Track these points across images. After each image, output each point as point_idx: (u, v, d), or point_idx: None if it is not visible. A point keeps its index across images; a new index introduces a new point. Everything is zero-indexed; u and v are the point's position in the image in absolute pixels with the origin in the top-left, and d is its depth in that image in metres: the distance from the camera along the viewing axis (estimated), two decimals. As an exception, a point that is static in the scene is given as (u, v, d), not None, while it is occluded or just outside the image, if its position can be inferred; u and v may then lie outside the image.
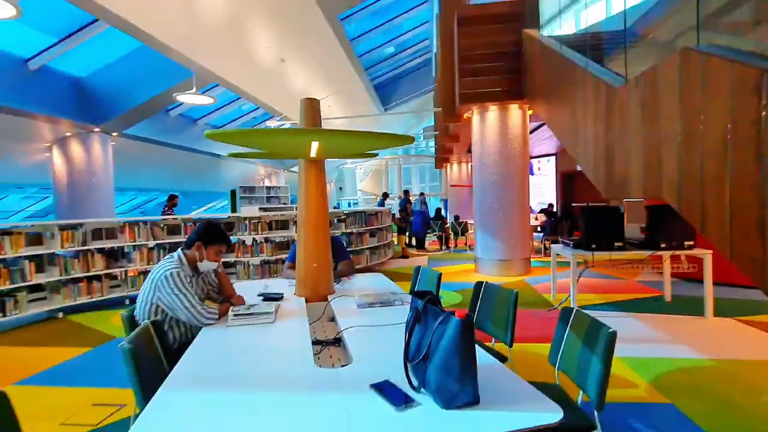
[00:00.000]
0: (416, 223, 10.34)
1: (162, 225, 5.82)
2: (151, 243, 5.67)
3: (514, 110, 6.52)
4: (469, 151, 8.53)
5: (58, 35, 6.63)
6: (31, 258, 4.71)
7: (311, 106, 2.52)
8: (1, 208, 11.74)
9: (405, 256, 9.01)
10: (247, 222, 6.21)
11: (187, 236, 2.82)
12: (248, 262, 6.25)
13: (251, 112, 13.24)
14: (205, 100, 5.19)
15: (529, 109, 6.60)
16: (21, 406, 1.19)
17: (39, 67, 6.82)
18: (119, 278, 5.65)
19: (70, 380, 3.12)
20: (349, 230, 7.10)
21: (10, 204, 11.91)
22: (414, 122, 22.90)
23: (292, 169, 19.08)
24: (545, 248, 8.49)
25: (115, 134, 8.31)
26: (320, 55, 8.89)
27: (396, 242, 9.77)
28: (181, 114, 10.92)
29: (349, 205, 19.64)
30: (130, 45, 7.57)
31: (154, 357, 1.70)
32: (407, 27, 13.65)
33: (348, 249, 6.90)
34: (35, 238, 4.88)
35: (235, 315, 1.99)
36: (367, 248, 7.45)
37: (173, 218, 5.99)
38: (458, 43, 6.71)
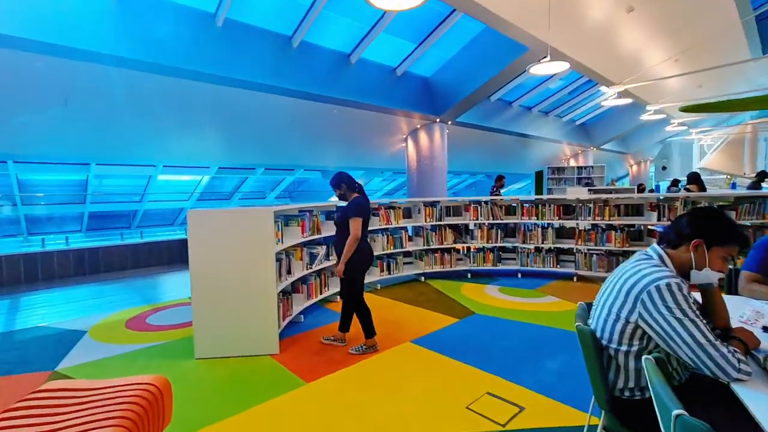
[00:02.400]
0: None
1: (500, 205, 5.88)
2: (490, 221, 5.83)
3: None
4: None
5: (416, 41, 7.85)
6: (406, 228, 5.75)
7: None
8: (369, 187, 16.16)
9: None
10: (591, 206, 5.37)
11: (663, 229, 2.12)
12: (587, 251, 5.43)
13: (563, 89, 12.03)
14: (559, 66, 4.67)
15: None
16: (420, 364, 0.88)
17: (402, 73, 8.37)
18: (461, 252, 6.17)
19: (452, 351, 3.33)
20: (740, 221, 4.98)
21: (373, 185, 16.16)
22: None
23: (602, 147, 16.45)
24: None
25: (449, 123, 9.37)
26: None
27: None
28: (500, 98, 11.16)
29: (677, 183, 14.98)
30: (463, 40, 8.15)
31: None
32: None
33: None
34: (407, 212, 5.91)
35: None
36: None
37: (511, 198, 5.95)
38: None
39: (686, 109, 7.10)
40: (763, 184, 8.97)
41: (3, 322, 4.38)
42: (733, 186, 13.16)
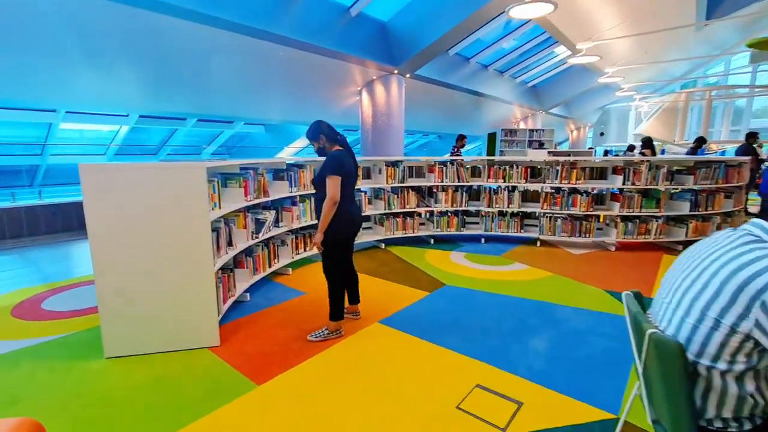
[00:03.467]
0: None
1: (467, 166, 5.47)
2: (456, 183, 5.43)
3: None
4: None
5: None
6: (365, 191, 5.16)
7: None
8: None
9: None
10: (558, 168, 5.13)
11: None
12: (553, 215, 5.27)
13: (517, 49, 11.69)
14: (544, 8, 4.16)
15: None
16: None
17: (357, 14, 7.39)
18: (423, 216, 5.75)
19: (428, 332, 2.93)
20: (698, 186, 5.05)
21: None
22: (737, 38, 15.83)
23: (550, 111, 16.71)
24: None
25: (408, 76, 8.64)
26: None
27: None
28: (458, 53, 10.54)
29: (607, 153, 15.79)
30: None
31: None
32: None
33: (694, 213, 5.04)
34: (365, 172, 5.30)
35: None
36: (718, 214, 5.21)
37: (473, 159, 5.55)
38: None
39: (752, 45, 8.02)
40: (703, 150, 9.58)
41: None
42: (662, 153, 14.08)
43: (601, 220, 5.40)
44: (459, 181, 5.42)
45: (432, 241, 5.58)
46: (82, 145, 10.68)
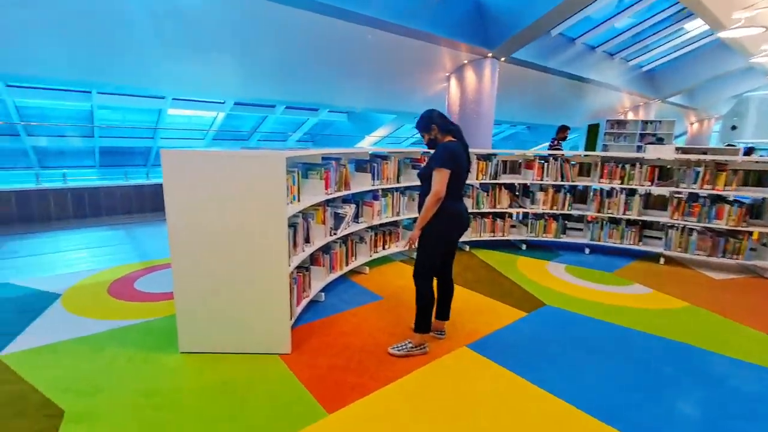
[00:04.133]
0: None
1: (574, 162, 4.67)
2: (559, 183, 4.66)
3: None
4: None
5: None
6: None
7: None
8: (398, 135, 14.77)
9: None
10: (700, 170, 4.09)
11: None
12: (685, 227, 4.26)
13: (633, 27, 9.99)
14: None
15: None
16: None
17: (450, -9, 6.78)
18: (515, 218, 5.09)
19: (527, 368, 2.40)
20: None
21: (402, 132, 14.73)
22: None
23: (669, 100, 14.32)
24: None
25: (503, 59, 7.82)
26: None
27: None
28: (561, 33, 9.34)
29: (751, 152, 12.97)
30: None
31: None
32: None
33: None
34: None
35: None
36: None
37: (584, 155, 4.71)
38: None
39: None
40: None
41: (-29, 273, 3.70)
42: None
43: (755, 238, 4.23)
44: (562, 180, 4.64)
45: (524, 246, 4.90)
46: (186, 130, 11.67)
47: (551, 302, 3.28)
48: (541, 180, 4.66)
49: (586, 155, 4.71)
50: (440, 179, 2.20)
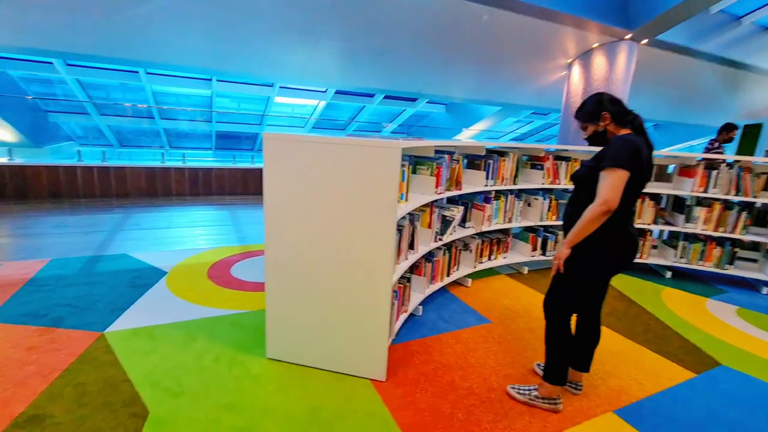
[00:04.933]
0: None
1: (757, 172, 3.53)
2: (732, 198, 3.57)
3: None
4: None
5: None
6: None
7: None
8: (497, 129, 13.73)
9: None
10: None
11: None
12: None
13: None
14: None
15: None
16: None
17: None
18: (658, 236, 4.08)
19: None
20: None
21: (502, 126, 13.67)
22: None
23: None
24: None
25: (644, 42, 6.52)
26: None
27: None
28: (723, 10, 7.52)
29: None
30: None
31: None
32: None
33: None
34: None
35: None
36: None
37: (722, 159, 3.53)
38: None
39: None
40: None
41: (99, 241, 4.05)
42: None
43: None
44: (737, 194, 3.54)
45: (668, 274, 3.90)
46: (289, 117, 12.21)
47: (728, 361, 2.42)
48: (704, 191, 3.62)
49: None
50: (614, 183, 1.58)
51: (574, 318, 1.92)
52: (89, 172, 6.15)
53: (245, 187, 7.18)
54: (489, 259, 3.54)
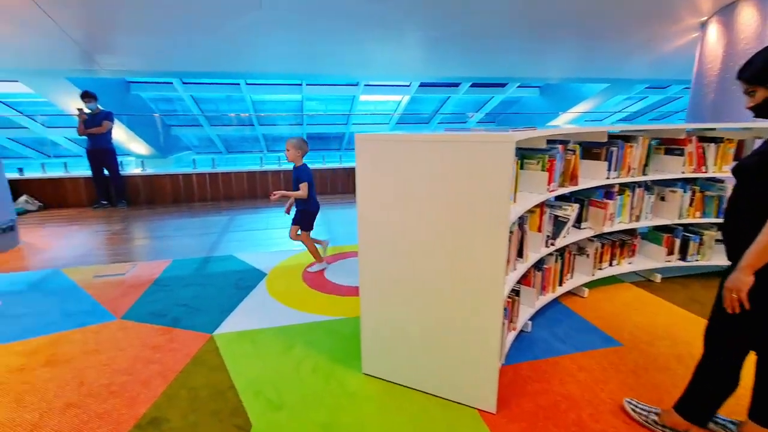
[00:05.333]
0: None
1: None
2: None
3: None
4: None
5: None
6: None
7: None
8: (602, 109, 12.14)
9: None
10: None
11: None
12: None
13: None
14: None
15: None
16: None
17: None
18: None
19: None
20: None
21: (607, 106, 12.05)
22: None
23: None
24: None
25: (816, -19, 5.06)
26: None
27: None
28: None
29: None
30: None
31: None
32: None
33: None
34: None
35: None
36: None
37: None
38: None
39: None
40: None
41: (210, 243, 4.41)
42: None
43: None
44: None
45: None
46: (372, 114, 12.33)
47: None
48: None
49: None
50: None
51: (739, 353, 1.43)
52: (202, 178, 6.84)
53: (333, 187, 7.36)
54: (610, 264, 3.00)
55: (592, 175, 2.72)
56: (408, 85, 10.03)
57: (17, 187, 6.12)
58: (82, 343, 2.42)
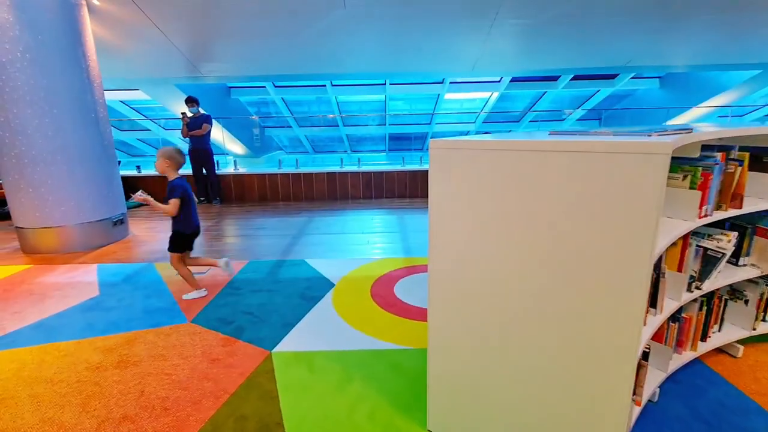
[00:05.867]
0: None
1: None
2: None
3: None
4: None
5: None
6: None
7: None
8: (744, 102, 9.91)
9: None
10: None
11: None
12: None
13: None
14: None
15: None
16: None
17: None
18: None
19: None
20: None
21: (756, 96, 9.80)
22: None
23: None
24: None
25: None
26: None
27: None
28: None
29: None
30: None
31: None
32: None
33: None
34: None
35: None
36: None
37: None
38: None
39: None
40: None
41: (285, 245, 4.39)
42: None
43: None
44: None
45: None
46: (458, 113, 11.74)
47: None
48: None
49: None
50: None
51: None
52: (286, 178, 7.04)
53: (413, 189, 7.04)
54: (779, 314, 2.18)
55: (761, 193, 1.97)
56: (498, 81, 9.27)
57: (134, 183, 6.91)
58: (153, 345, 2.43)
